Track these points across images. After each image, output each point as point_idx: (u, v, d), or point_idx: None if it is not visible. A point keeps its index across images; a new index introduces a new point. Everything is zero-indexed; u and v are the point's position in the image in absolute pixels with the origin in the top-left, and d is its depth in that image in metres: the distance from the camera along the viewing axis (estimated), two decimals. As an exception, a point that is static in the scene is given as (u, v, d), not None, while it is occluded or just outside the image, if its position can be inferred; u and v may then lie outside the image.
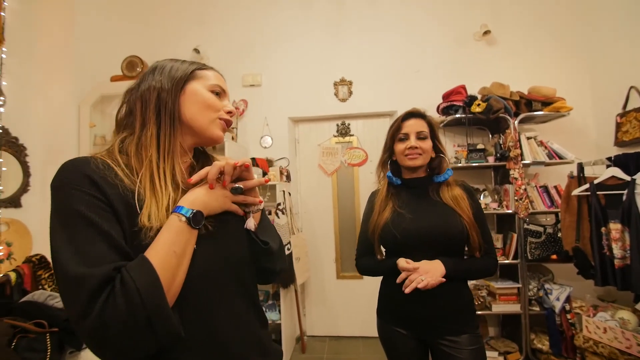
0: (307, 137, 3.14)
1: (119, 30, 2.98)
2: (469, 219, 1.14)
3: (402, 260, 1.11)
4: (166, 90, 0.64)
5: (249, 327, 0.66)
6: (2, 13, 1.84)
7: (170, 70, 0.67)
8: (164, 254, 0.53)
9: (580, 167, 2.11)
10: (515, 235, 2.38)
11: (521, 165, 2.33)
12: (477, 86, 2.57)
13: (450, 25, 2.88)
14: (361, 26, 2.97)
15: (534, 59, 2.76)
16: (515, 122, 2.39)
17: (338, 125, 3.09)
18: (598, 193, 1.92)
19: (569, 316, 2.19)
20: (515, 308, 2.34)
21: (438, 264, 1.10)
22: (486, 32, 2.73)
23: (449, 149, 2.67)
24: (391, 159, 1.29)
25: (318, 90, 2.98)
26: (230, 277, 0.64)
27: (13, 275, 1.71)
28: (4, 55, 1.87)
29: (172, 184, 0.62)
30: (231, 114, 0.71)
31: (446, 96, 2.59)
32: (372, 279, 1.31)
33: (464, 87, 2.55)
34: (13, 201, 1.98)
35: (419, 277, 1.06)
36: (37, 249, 1.99)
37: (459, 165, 2.54)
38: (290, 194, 2.79)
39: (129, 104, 0.66)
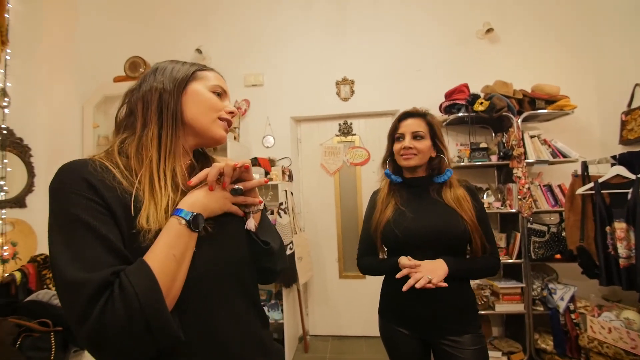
0: (309, 137, 3.14)
1: (122, 31, 3.00)
2: (471, 221, 1.13)
3: (404, 257, 1.11)
4: (168, 91, 0.64)
5: (250, 327, 0.66)
6: (6, 15, 1.86)
7: (171, 71, 0.67)
8: (163, 257, 0.53)
9: (585, 166, 2.09)
10: (518, 235, 2.36)
11: (525, 164, 2.32)
12: (480, 84, 2.55)
13: (452, 24, 2.86)
14: (363, 25, 2.96)
15: (538, 57, 2.74)
16: (519, 121, 2.38)
17: (340, 124, 3.09)
18: (603, 192, 1.90)
19: (573, 316, 2.18)
20: (519, 308, 2.33)
21: (440, 263, 1.09)
22: (489, 30, 2.71)
23: (452, 147, 2.66)
24: (392, 158, 1.29)
25: (320, 89, 2.98)
26: (230, 278, 0.64)
27: (18, 275, 1.73)
28: (8, 57, 1.89)
29: (172, 185, 0.61)
30: (232, 114, 0.71)
31: (449, 95, 2.58)
32: (375, 279, 1.30)
33: (466, 86, 2.53)
34: (18, 201, 2.00)
35: (426, 276, 1.02)
36: (42, 249, 2.00)
37: (462, 164, 2.52)
38: (292, 193, 2.79)
39: (129, 105, 0.66)
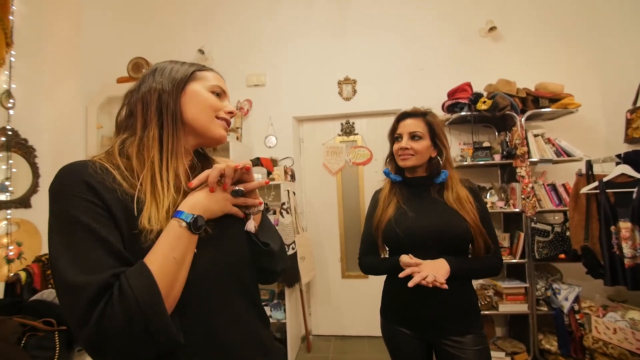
0: (312, 137, 3.14)
1: (125, 32, 3.01)
2: (474, 223, 1.12)
3: (405, 255, 1.10)
4: (167, 91, 0.65)
5: (250, 327, 0.66)
6: (11, 17, 1.87)
7: (170, 72, 0.67)
8: (163, 260, 0.53)
9: (589, 165, 2.07)
10: (522, 234, 2.35)
11: (528, 163, 2.30)
12: (483, 83, 2.54)
13: (455, 22, 2.84)
14: (365, 24, 2.95)
15: (541, 55, 2.71)
16: (522, 120, 2.36)
17: (342, 124, 3.08)
18: (607, 191, 1.88)
19: (577, 316, 2.16)
20: (522, 308, 2.31)
21: (442, 262, 1.09)
22: (492, 29, 2.69)
23: (455, 147, 2.64)
24: (393, 158, 1.29)
25: (322, 89, 2.98)
26: (230, 278, 0.64)
27: (23, 275, 1.75)
28: (12, 59, 1.90)
29: (174, 185, 0.61)
30: (231, 114, 0.71)
31: (451, 94, 2.56)
32: (378, 279, 1.30)
33: (469, 85, 2.52)
34: (23, 202, 2.02)
35: (432, 274, 1.02)
36: (47, 249, 2.02)
37: (465, 163, 2.51)
38: (294, 193, 2.79)
39: (129, 106, 0.67)
